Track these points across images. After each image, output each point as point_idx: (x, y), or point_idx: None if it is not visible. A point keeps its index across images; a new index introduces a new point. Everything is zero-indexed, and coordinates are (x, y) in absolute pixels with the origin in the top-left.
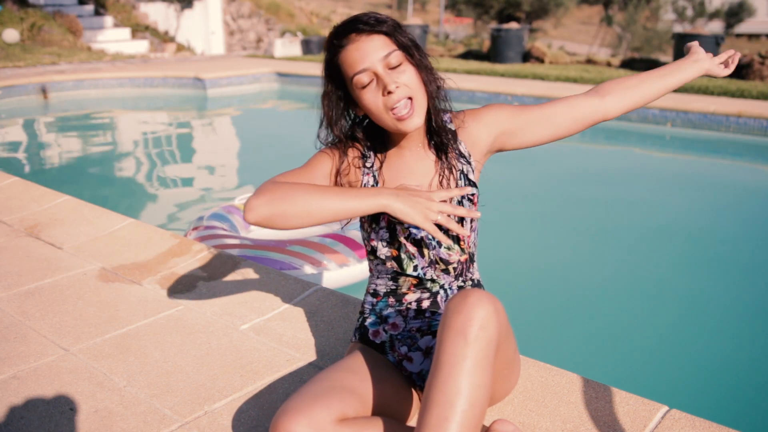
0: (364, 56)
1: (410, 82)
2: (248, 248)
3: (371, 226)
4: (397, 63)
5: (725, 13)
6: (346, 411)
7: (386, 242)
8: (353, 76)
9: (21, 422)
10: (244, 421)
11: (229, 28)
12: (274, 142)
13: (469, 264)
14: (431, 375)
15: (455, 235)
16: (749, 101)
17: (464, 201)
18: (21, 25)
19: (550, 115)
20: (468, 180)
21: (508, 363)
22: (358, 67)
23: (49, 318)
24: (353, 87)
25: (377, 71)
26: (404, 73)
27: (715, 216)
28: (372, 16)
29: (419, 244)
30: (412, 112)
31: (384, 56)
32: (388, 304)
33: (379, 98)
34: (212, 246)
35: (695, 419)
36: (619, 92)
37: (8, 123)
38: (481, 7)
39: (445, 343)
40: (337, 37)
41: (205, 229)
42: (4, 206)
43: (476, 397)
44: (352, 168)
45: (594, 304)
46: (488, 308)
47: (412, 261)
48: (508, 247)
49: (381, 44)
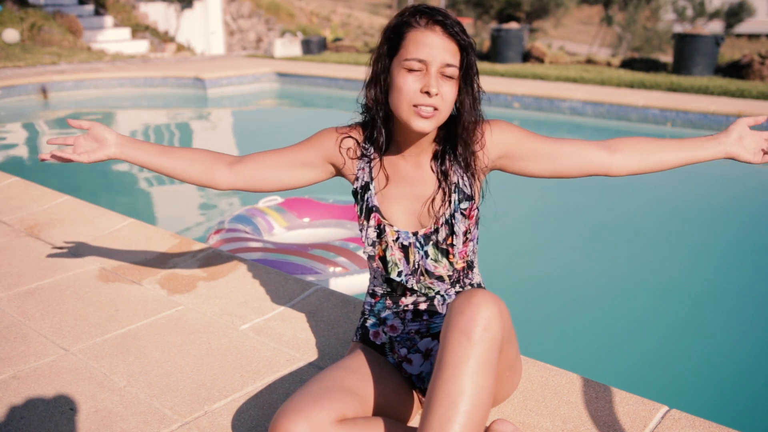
0: (432, 49)
1: (447, 97)
2: (270, 252)
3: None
4: (450, 76)
5: (725, 13)
6: (346, 411)
7: (372, 241)
8: (410, 58)
9: (21, 422)
10: (244, 421)
11: (229, 28)
12: (274, 141)
13: (468, 271)
14: (434, 375)
15: (446, 248)
16: (749, 101)
17: (456, 215)
18: (21, 25)
19: (555, 154)
20: (463, 194)
21: (511, 365)
22: (420, 54)
23: (49, 318)
24: (399, 61)
25: (431, 70)
26: (449, 86)
27: (715, 216)
28: (459, 23)
29: (406, 250)
30: (430, 117)
31: (447, 64)
32: (386, 306)
33: (414, 88)
34: (234, 249)
35: (695, 419)
36: (631, 153)
37: (8, 123)
38: (481, 7)
39: (448, 344)
40: (419, 14)
41: (227, 231)
42: (4, 206)
43: (479, 397)
44: (347, 157)
45: (594, 305)
46: (492, 309)
47: (397, 266)
48: (508, 247)
49: (452, 52)
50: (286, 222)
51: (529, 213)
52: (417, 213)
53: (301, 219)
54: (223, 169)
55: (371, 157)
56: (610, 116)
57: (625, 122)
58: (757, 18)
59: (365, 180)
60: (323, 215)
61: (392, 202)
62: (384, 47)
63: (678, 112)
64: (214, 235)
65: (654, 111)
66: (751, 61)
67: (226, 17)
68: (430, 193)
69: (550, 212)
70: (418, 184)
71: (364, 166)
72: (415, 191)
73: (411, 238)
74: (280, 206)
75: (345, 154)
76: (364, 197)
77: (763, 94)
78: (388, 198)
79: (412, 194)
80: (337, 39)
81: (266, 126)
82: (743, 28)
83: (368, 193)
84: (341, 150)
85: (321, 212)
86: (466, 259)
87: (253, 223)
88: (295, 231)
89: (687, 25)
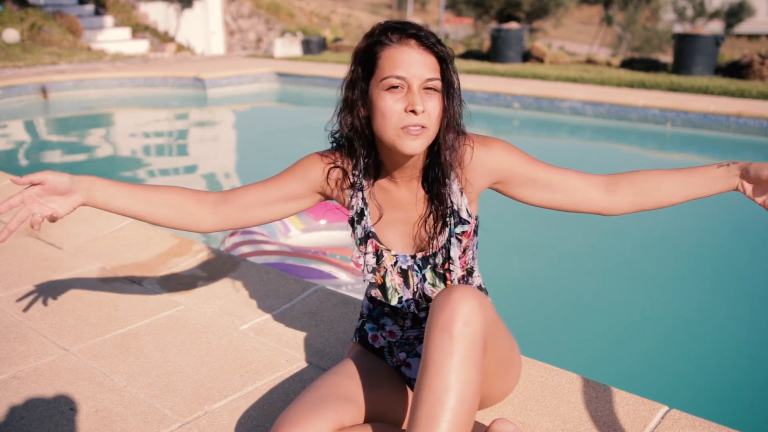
0: (410, 66)
1: (433, 113)
2: (286, 255)
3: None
4: (434, 88)
5: (725, 13)
6: (344, 420)
7: (371, 267)
8: (388, 77)
9: (21, 422)
10: (244, 421)
11: (229, 28)
12: (274, 142)
13: (467, 277)
14: (420, 374)
15: (443, 272)
16: (749, 101)
17: (452, 239)
18: (21, 25)
19: (551, 185)
20: (459, 218)
21: (503, 361)
22: (398, 71)
23: (49, 318)
24: (376, 83)
25: (413, 86)
26: (433, 102)
27: (714, 217)
28: (434, 35)
29: (406, 274)
30: (419, 135)
31: (428, 78)
32: (384, 312)
33: (398, 109)
34: (250, 253)
35: (695, 419)
36: (629, 197)
37: (8, 123)
38: (481, 7)
39: (431, 341)
40: (390, 30)
41: (242, 234)
42: None
43: (465, 392)
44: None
45: (594, 305)
46: (472, 303)
47: (397, 292)
48: (508, 248)
49: (431, 66)
50: (303, 224)
51: (529, 213)
52: (413, 236)
53: (317, 221)
54: (208, 213)
55: (362, 185)
56: (610, 116)
57: (625, 122)
58: (757, 18)
59: (360, 207)
60: (340, 217)
61: (388, 227)
62: (358, 70)
63: (678, 112)
64: (229, 238)
65: (654, 111)
66: (751, 61)
67: (226, 17)
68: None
69: (549, 212)
70: (412, 209)
71: (356, 194)
72: (409, 215)
73: (409, 261)
74: None
75: (334, 185)
76: (360, 224)
77: (763, 94)
78: (384, 223)
79: (407, 219)
80: (337, 39)
81: (266, 126)
82: (743, 28)
83: (364, 220)
84: (329, 181)
85: (338, 214)
86: (466, 267)
87: (269, 226)
88: (311, 233)
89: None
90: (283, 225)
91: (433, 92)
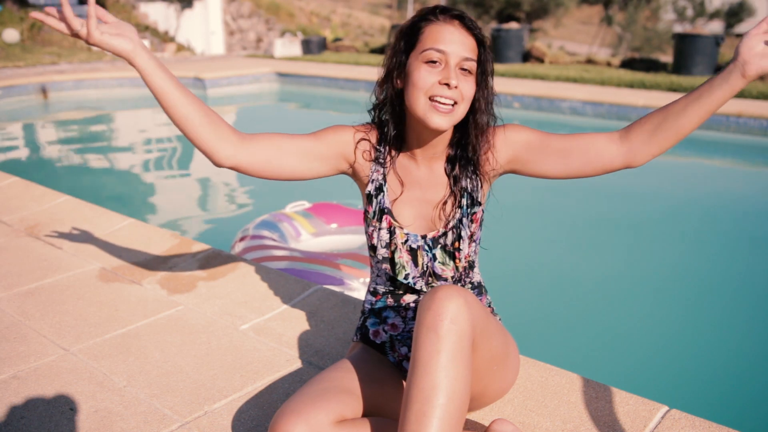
0: (451, 42)
1: (466, 93)
2: (297, 260)
3: (374, 222)
4: (469, 70)
5: (725, 13)
6: (345, 412)
7: (385, 243)
8: (428, 49)
9: (21, 422)
10: (244, 421)
11: (229, 28)
12: None
13: (468, 270)
14: (409, 374)
15: (453, 251)
16: (749, 101)
17: (464, 219)
18: (21, 25)
19: (565, 150)
20: (472, 198)
21: (497, 358)
22: (439, 45)
23: (49, 318)
24: (416, 55)
25: (450, 62)
26: (467, 82)
27: (714, 216)
28: (475, 21)
29: (415, 253)
30: (447, 114)
31: (466, 57)
32: (387, 304)
33: (432, 80)
34: (260, 258)
35: (695, 419)
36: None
37: (8, 123)
38: (481, 7)
39: (419, 341)
40: (437, 11)
41: (252, 239)
42: (4, 206)
43: (454, 390)
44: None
45: (594, 305)
46: (458, 301)
47: (405, 269)
48: (508, 247)
49: (470, 47)
50: (314, 228)
51: (530, 212)
52: (427, 216)
53: (328, 225)
54: (233, 140)
55: (385, 160)
56: (610, 116)
57: (626, 122)
58: (757, 18)
59: (379, 182)
60: (351, 221)
61: (404, 205)
62: (400, 43)
63: None
64: (239, 242)
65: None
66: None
67: (226, 17)
68: (441, 197)
69: (550, 211)
70: (430, 188)
71: (378, 169)
72: (426, 195)
73: (420, 241)
74: (307, 212)
75: (360, 155)
76: (377, 199)
77: (763, 94)
78: (400, 201)
79: (423, 198)
80: (337, 39)
81: (266, 126)
82: (743, 28)
83: (381, 195)
84: (356, 150)
85: (349, 218)
86: (468, 259)
87: (280, 230)
88: (322, 237)
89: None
90: (294, 229)
91: (468, 74)
